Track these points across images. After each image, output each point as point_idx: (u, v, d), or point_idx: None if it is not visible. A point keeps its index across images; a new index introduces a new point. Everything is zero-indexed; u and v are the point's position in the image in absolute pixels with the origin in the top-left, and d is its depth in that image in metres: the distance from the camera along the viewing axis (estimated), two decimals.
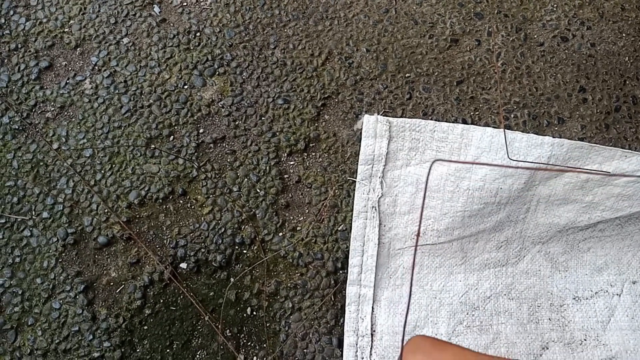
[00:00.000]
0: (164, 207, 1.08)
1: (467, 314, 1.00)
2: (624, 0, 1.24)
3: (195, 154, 1.10)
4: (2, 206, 1.07)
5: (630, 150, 0.93)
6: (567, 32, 1.21)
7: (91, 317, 1.01)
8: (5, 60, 1.17)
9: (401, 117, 1.10)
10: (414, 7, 1.22)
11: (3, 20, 1.20)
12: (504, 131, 0.94)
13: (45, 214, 1.06)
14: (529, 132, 1.05)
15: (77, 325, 1.00)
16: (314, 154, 1.11)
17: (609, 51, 1.19)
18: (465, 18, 1.21)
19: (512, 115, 1.13)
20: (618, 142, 1.11)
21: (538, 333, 0.99)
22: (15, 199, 1.07)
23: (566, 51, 1.19)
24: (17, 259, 1.04)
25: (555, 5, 1.23)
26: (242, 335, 1.01)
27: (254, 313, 1.02)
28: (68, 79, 1.16)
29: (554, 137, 0.95)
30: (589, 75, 1.17)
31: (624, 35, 1.21)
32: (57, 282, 1.03)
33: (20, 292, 1.02)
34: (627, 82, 1.17)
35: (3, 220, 1.06)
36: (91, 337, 1.00)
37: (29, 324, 1.01)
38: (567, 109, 1.14)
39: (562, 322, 1.00)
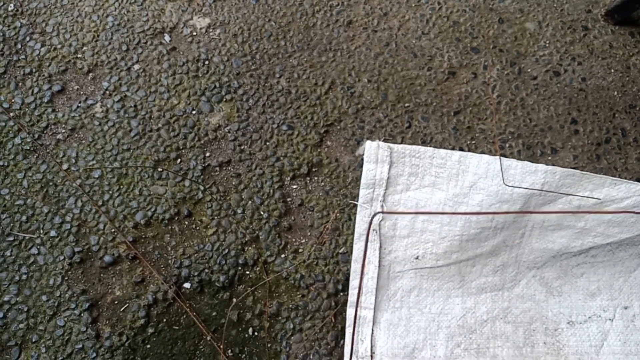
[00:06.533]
0: (170, 227, 1.10)
1: (465, 337, 1.02)
2: (612, 38, 1.31)
3: (202, 176, 1.14)
4: (11, 224, 1.09)
5: (619, 179, 0.97)
6: (559, 67, 1.27)
7: (95, 335, 1.02)
8: (20, 84, 1.22)
9: (401, 144, 1.15)
10: (414, 41, 1.28)
11: (19, 46, 1.25)
12: (500, 158, 0.99)
13: (53, 233, 1.09)
14: (523, 161, 1.09)
15: (80, 342, 1.02)
16: (316, 178, 1.15)
17: (599, 85, 1.25)
18: (462, 52, 1.27)
19: (507, 145, 1.18)
20: (609, 172, 1.16)
21: (533, 357, 1.02)
22: (24, 218, 1.10)
23: (558, 85, 1.25)
24: (24, 276, 1.06)
25: (547, 42, 1.30)
26: (244, 355, 1.03)
27: (256, 333, 1.04)
28: (79, 102, 1.20)
29: (547, 166, 1.00)
30: (580, 108, 1.23)
31: (612, 70, 1.27)
32: (63, 300, 1.04)
33: (25, 309, 1.04)
34: (617, 115, 1.22)
35: (11, 238, 1.08)
36: (94, 354, 1.01)
37: (33, 340, 1.02)
38: (559, 140, 1.19)
39: (557, 346, 1.02)
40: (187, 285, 1.06)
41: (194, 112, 1.19)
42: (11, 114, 1.18)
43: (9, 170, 1.14)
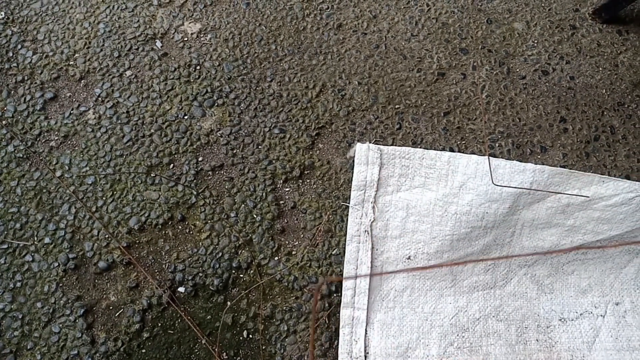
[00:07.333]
0: (163, 232, 1.11)
1: (458, 335, 1.03)
2: (600, 36, 1.32)
3: (194, 181, 1.14)
4: (5, 232, 1.10)
5: (607, 176, 0.98)
6: (548, 66, 1.28)
7: (90, 340, 1.03)
8: (12, 92, 1.22)
9: (391, 145, 1.16)
10: (403, 43, 1.29)
11: (11, 54, 1.25)
12: (489, 158, 1.00)
13: (47, 240, 1.09)
14: (512, 160, 1.10)
15: (76, 349, 1.02)
16: (308, 180, 1.16)
17: (587, 84, 1.26)
18: (452, 53, 1.28)
19: (497, 145, 1.19)
20: (598, 170, 1.17)
21: (526, 354, 1.02)
22: (18, 225, 1.10)
23: (547, 84, 1.26)
24: (18, 284, 1.06)
25: (536, 41, 1.31)
26: (239, 358, 1.03)
27: (250, 336, 1.05)
28: (72, 109, 1.21)
29: (536, 165, 1.01)
30: (569, 107, 1.24)
31: (600, 69, 1.28)
32: (57, 306, 1.05)
33: (20, 317, 1.04)
34: (605, 112, 1.23)
35: (5, 246, 1.09)
36: None
37: (28, 348, 1.02)
38: (549, 138, 1.20)
39: (549, 343, 1.03)
40: (181, 289, 1.07)
41: (186, 117, 1.20)
42: (4, 122, 1.19)
43: (2, 178, 1.14)
